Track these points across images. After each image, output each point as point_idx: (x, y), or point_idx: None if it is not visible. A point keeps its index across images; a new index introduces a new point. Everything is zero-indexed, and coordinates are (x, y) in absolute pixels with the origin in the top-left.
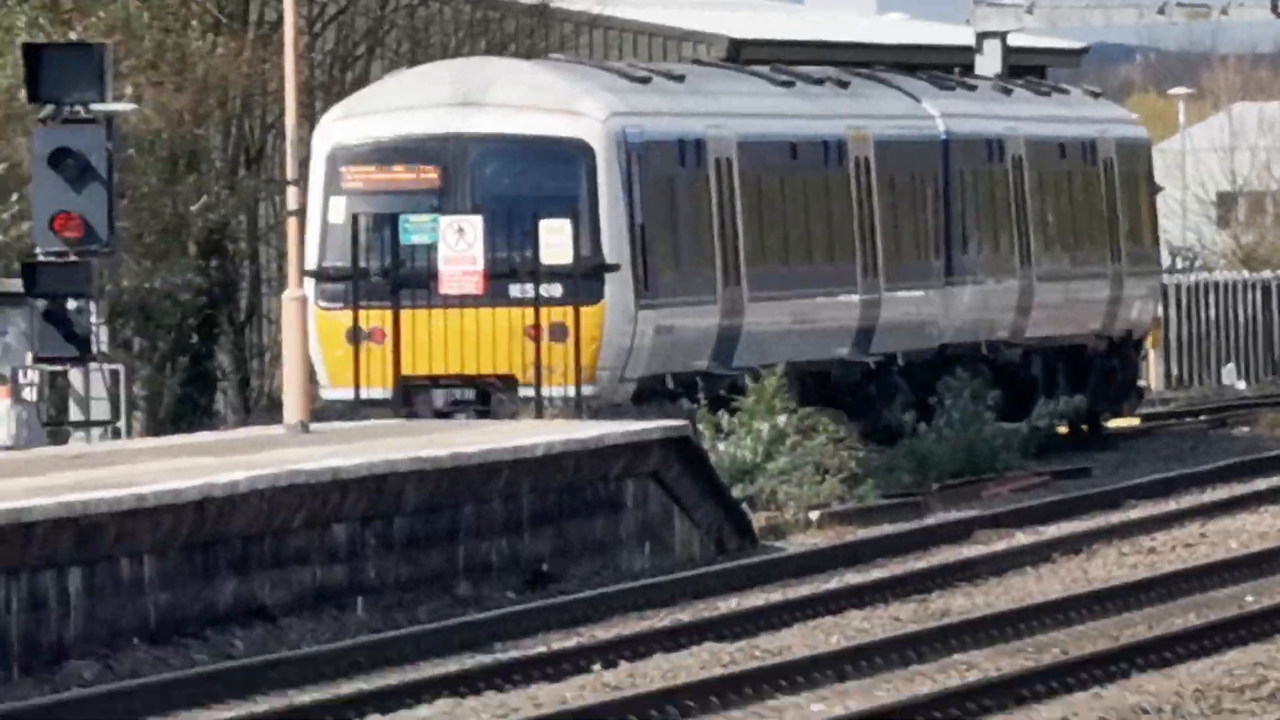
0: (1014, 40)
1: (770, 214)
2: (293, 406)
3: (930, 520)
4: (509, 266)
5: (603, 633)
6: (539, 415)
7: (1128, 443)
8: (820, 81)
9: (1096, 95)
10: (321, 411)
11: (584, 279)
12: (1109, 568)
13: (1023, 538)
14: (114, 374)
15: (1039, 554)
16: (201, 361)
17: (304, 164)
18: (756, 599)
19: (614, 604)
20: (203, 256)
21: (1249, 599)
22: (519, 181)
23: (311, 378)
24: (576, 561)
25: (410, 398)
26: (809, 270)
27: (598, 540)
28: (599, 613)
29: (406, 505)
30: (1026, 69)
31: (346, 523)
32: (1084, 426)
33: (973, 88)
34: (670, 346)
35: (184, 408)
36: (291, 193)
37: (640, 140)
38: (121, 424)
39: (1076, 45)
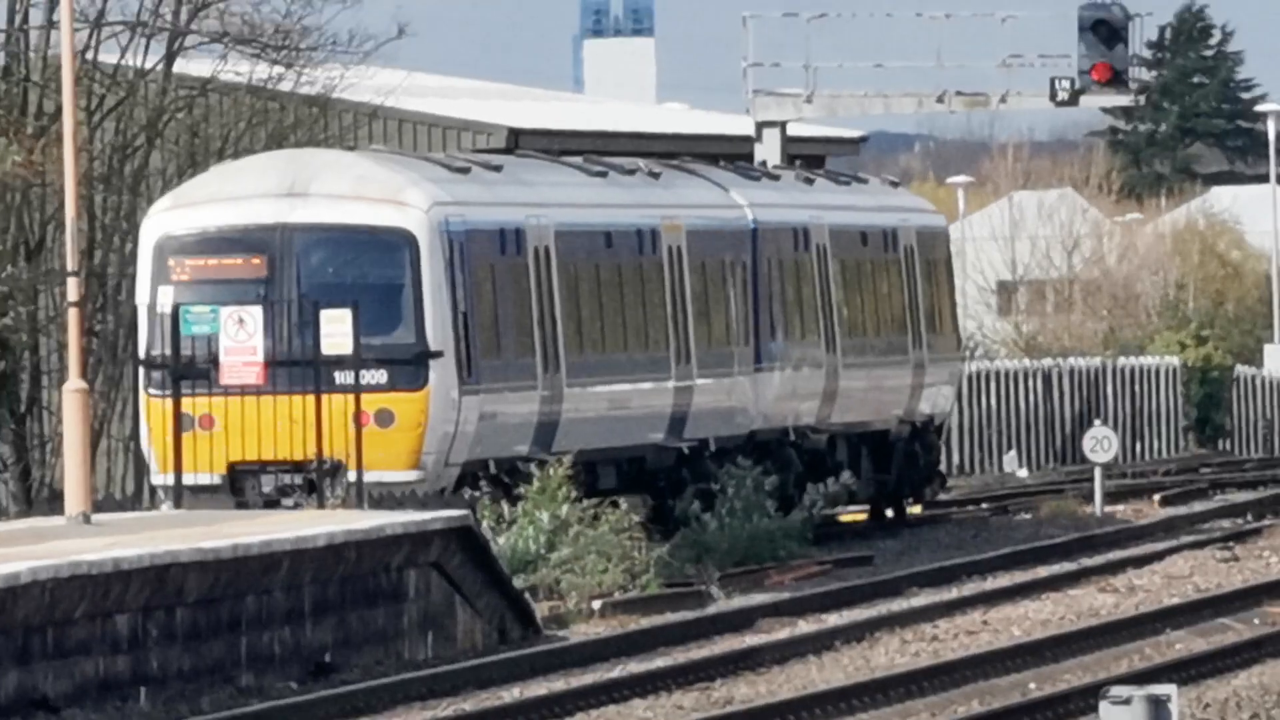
0: (793, 129)
1: (587, 302)
2: (74, 497)
3: (713, 609)
4: (336, 356)
5: None
6: (320, 505)
7: (909, 530)
8: (632, 172)
9: (895, 185)
10: (101, 504)
11: (408, 365)
12: (891, 655)
13: (805, 626)
14: None
15: (821, 642)
16: None
17: (86, 254)
18: (539, 688)
19: (397, 694)
20: None
21: (1031, 686)
22: (344, 270)
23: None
24: (359, 651)
25: (238, 483)
26: (625, 357)
27: (380, 630)
28: (382, 703)
29: (189, 595)
30: (806, 158)
31: (129, 613)
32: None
33: (776, 177)
34: (493, 432)
35: None
36: (71, 284)
37: (462, 229)
38: None
39: (855, 134)
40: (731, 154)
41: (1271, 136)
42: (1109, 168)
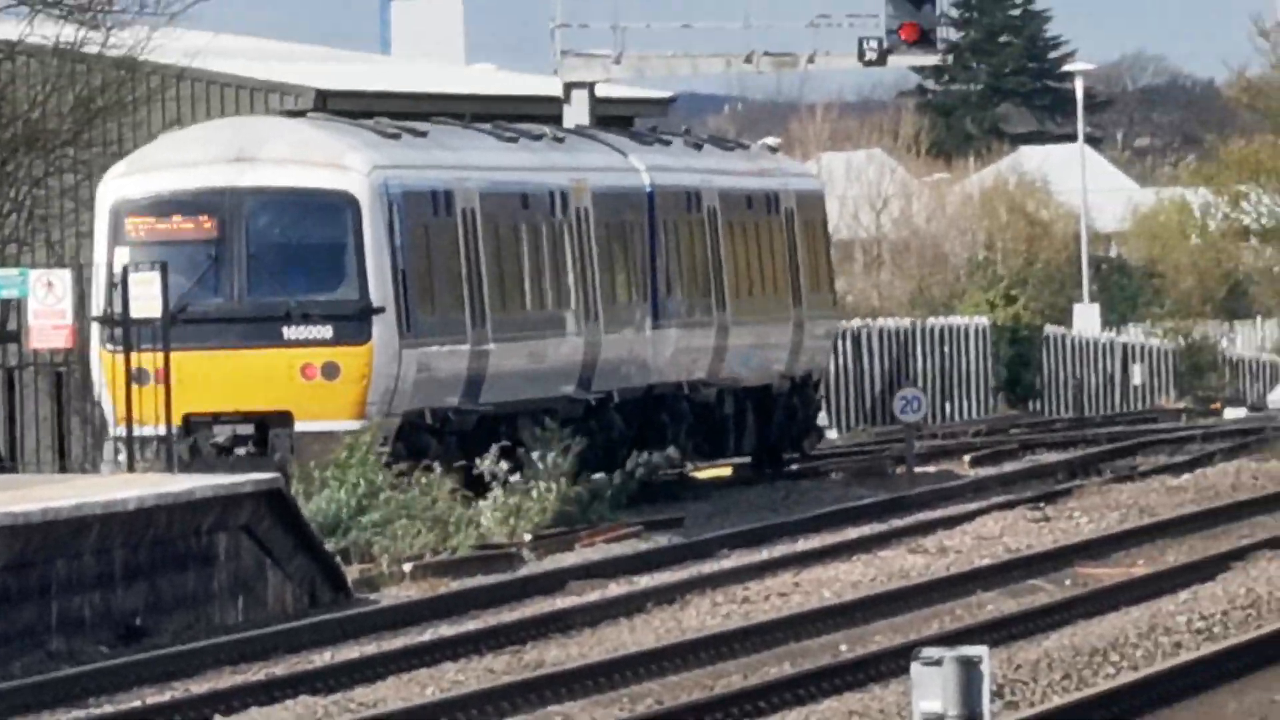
0: (601, 90)
1: (508, 260)
2: None
3: (524, 571)
4: (284, 310)
5: (196, 687)
6: (130, 469)
7: (720, 493)
8: (539, 137)
9: (774, 150)
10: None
11: (353, 321)
12: (702, 617)
13: (616, 588)
14: None
15: (632, 604)
16: None
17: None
18: (351, 652)
19: (207, 658)
20: None
21: (843, 647)
22: (290, 231)
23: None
24: (169, 615)
25: (193, 434)
26: (540, 314)
27: (190, 594)
28: (192, 667)
29: None
30: (614, 119)
31: None
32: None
33: (668, 143)
34: (429, 384)
35: None
36: None
37: (399, 191)
38: None
39: (664, 95)
40: (541, 116)
41: (1079, 96)
42: (917, 128)
